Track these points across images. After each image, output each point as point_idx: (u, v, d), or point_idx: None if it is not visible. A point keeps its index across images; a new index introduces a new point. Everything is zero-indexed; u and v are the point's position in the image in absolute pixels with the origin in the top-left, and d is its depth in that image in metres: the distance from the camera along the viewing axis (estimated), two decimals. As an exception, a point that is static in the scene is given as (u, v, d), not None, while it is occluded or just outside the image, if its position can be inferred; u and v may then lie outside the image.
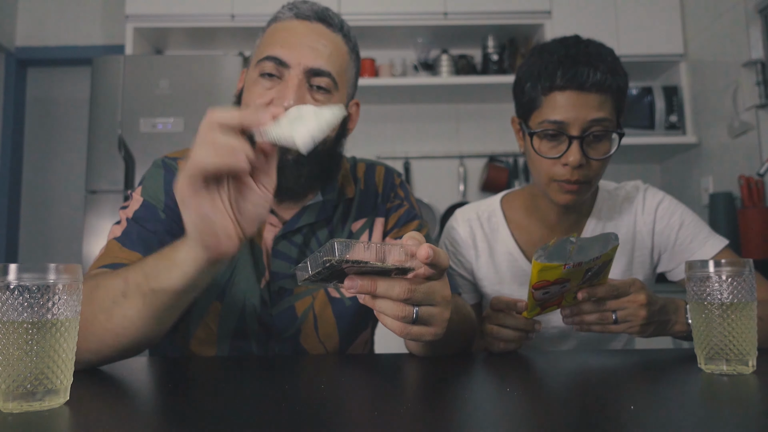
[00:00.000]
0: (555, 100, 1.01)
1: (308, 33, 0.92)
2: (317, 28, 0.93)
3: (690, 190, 2.81)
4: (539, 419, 0.55)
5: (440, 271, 0.63)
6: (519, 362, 0.86)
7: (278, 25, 0.95)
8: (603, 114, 1.00)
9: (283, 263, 0.97)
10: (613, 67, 1.01)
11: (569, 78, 0.99)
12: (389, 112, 3.14)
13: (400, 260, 0.59)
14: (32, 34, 3.24)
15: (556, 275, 0.81)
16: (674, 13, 2.80)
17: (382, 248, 0.58)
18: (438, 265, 0.61)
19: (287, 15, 0.95)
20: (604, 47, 1.05)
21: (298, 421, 0.53)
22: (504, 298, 0.93)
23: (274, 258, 0.97)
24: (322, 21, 0.94)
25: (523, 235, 1.18)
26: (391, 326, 0.62)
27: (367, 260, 0.57)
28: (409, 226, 1.03)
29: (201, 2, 2.78)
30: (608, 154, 1.03)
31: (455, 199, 3.05)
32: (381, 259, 0.58)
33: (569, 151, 1.01)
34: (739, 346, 0.72)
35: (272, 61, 0.90)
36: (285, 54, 0.90)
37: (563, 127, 1.01)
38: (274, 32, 0.94)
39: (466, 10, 2.80)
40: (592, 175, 1.04)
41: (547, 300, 0.88)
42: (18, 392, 0.55)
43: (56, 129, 3.33)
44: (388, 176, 1.10)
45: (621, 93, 1.03)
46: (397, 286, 0.60)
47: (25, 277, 0.55)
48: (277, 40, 0.92)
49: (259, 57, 0.92)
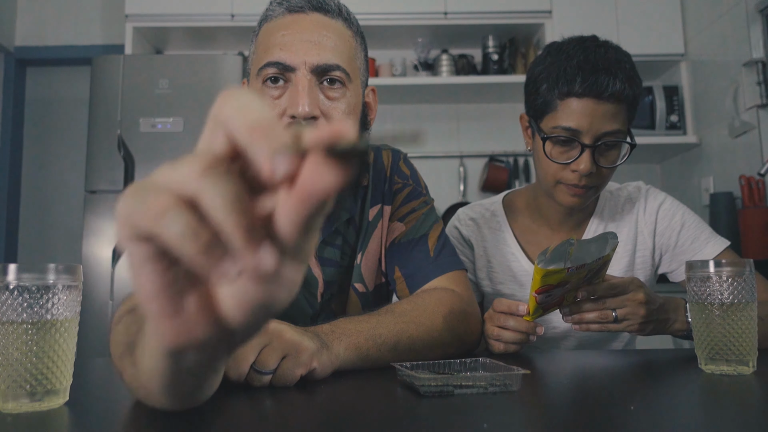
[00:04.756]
0: (571, 106, 1.00)
1: (307, 26, 0.84)
2: (315, 18, 0.85)
3: (690, 190, 2.81)
4: (539, 419, 0.55)
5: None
6: (519, 362, 0.86)
7: (272, 24, 0.87)
8: (617, 126, 1.00)
9: (332, 270, 0.93)
10: (631, 76, 1.00)
11: (589, 86, 0.98)
12: (389, 112, 3.14)
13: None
14: (32, 34, 3.24)
15: (559, 278, 0.82)
16: (675, 12, 2.80)
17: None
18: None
19: (279, 11, 0.87)
20: (622, 52, 1.04)
21: (301, 421, 0.53)
22: (506, 300, 0.93)
23: (323, 267, 0.93)
24: (318, 9, 0.86)
25: (525, 235, 1.18)
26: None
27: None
28: (411, 204, 0.99)
29: (201, 2, 2.78)
30: (618, 163, 1.03)
31: (455, 199, 3.05)
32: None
33: (580, 159, 1.00)
34: (739, 347, 0.72)
35: (274, 66, 0.83)
36: (286, 56, 0.83)
37: (576, 135, 1.00)
38: (270, 33, 0.86)
39: (466, 9, 2.80)
40: (599, 181, 1.04)
41: (549, 302, 0.88)
42: (18, 392, 0.55)
43: (56, 129, 3.32)
44: (395, 158, 1.05)
45: (636, 101, 1.03)
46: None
47: (24, 277, 0.55)
48: (275, 41, 0.85)
49: (259, 64, 0.85)
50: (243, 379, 0.63)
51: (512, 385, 0.63)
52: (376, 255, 0.97)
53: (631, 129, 1.06)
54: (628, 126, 1.04)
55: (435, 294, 0.89)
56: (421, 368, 0.69)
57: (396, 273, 0.95)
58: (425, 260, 0.94)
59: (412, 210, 0.98)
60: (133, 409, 0.61)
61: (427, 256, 0.94)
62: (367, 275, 0.96)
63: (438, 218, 1.01)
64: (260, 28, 0.89)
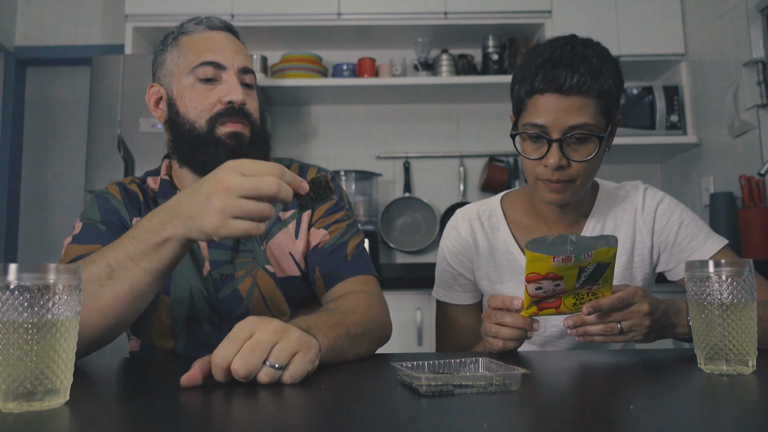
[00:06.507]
0: (537, 103, 1.03)
1: (227, 40, 1.07)
2: (229, 36, 1.08)
3: (690, 190, 2.81)
4: (539, 419, 0.55)
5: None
6: (518, 361, 0.86)
7: (195, 36, 1.06)
8: (584, 119, 1.01)
9: (221, 252, 1.06)
10: (597, 70, 1.01)
11: (548, 81, 1.00)
12: (389, 112, 3.14)
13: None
14: (31, 34, 3.24)
15: (547, 269, 0.82)
16: (675, 12, 2.80)
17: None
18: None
19: (199, 28, 1.07)
20: (593, 48, 1.04)
21: (300, 419, 0.53)
22: (500, 296, 0.93)
23: (210, 248, 1.06)
24: (230, 30, 1.10)
25: (523, 234, 1.19)
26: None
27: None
28: (334, 216, 1.12)
29: (200, 2, 2.78)
30: (590, 157, 1.03)
31: (455, 199, 3.05)
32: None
33: (549, 153, 1.02)
34: (738, 347, 0.72)
35: (210, 65, 1.03)
36: (220, 57, 1.03)
37: (544, 130, 1.02)
38: (195, 42, 1.06)
39: (466, 9, 2.80)
40: (575, 175, 1.04)
41: (541, 298, 0.88)
42: (18, 392, 0.55)
43: (55, 129, 3.32)
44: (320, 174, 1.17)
45: (607, 95, 1.02)
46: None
47: (24, 277, 0.56)
48: (207, 47, 1.04)
49: (192, 64, 1.03)
50: (253, 376, 0.66)
51: (512, 385, 0.63)
52: (286, 247, 1.09)
53: (612, 124, 1.07)
54: (607, 120, 1.04)
55: (353, 295, 1.01)
56: (421, 368, 0.69)
57: (316, 273, 1.08)
58: (342, 262, 1.08)
59: (335, 221, 1.12)
60: (133, 409, 0.61)
61: (344, 259, 1.08)
62: (274, 261, 1.07)
63: (359, 231, 1.16)
64: (178, 39, 1.08)
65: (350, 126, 3.13)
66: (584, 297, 0.89)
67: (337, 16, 2.77)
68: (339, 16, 2.77)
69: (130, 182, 1.13)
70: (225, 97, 1.02)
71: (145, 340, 1.07)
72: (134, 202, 1.09)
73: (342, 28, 2.84)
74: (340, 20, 2.78)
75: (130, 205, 1.07)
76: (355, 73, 2.91)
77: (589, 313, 0.87)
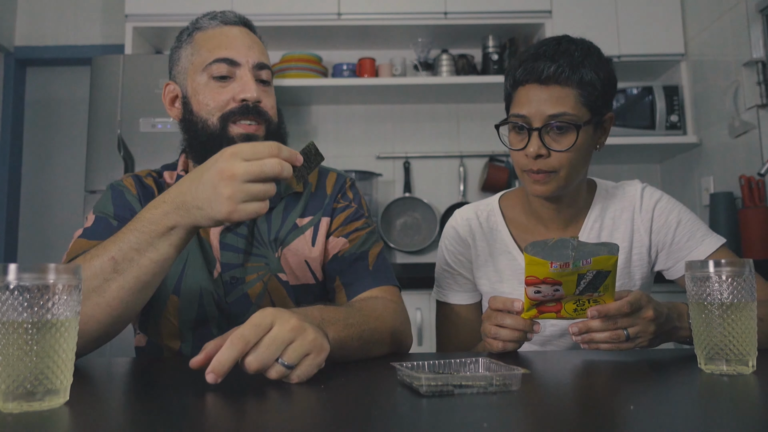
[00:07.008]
0: (519, 94, 1.07)
1: (241, 35, 1.04)
2: (244, 30, 1.05)
3: (690, 190, 2.81)
4: (539, 419, 0.55)
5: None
6: (518, 362, 0.86)
7: (209, 32, 1.03)
8: (563, 108, 1.03)
9: (232, 254, 1.04)
10: (578, 61, 1.03)
11: (528, 72, 1.04)
12: (389, 112, 3.14)
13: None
14: (31, 34, 3.24)
15: (544, 273, 0.81)
16: (675, 12, 2.80)
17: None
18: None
19: (213, 23, 1.04)
20: (578, 44, 1.06)
21: (300, 418, 0.53)
22: (501, 297, 0.93)
23: (222, 251, 1.05)
24: (245, 25, 1.07)
25: (522, 234, 1.19)
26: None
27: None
28: (354, 224, 1.10)
29: (201, 2, 2.77)
30: (570, 147, 1.04)
31: (455, 199, 3.05)
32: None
33: (529, 143, 1.04)
34: (739, 347, 0.72)
35: (223, 62, 1.00)
36: (234, 54, 1.01)
37: (526, 120, 1.05)
38: (209, 38, 1.03)
39: (466, 9, 2.80)
40: (557, 165, 1.05)
41: (541, 302, 0.87)
42: (18, 392, 0.55)
43: (55, 129, 3.32)
44: (339, 180, 1.16)
45: (589, 87, 1.03)
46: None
47: (24, 277, 0.55)
48: (219, 43, 1.01)
49: (207, 61, 1.01)
50: (264, 370, 0.67)
51: (512, 385, 0.63)
52: (302, 255, 1.07)
53: (602, 121, 1.08)
54: (591, 113, 1.05)
55: (380, 300, 1.01)
56: (421, 368, 0.69)
57: (336, 282, 1.07)
58: (364, 272, 1.06)
59: (355, 229, 1.10)
60: (133, 409, 0.61)
61: (366, 268, 1.07)
62: (288, 268, 1.06)
63: (379, 239, 1.13)
64: (192, 36, 1.05)
65: (350, 126, 3.13)
66: (585, 304, 0.88)
67: (337, 16, 2.77)
68: (339, 16, 2.77)
69: (146, 176, 1.12)
70: (239, 95, 1.00)
71: (152, 338, 1.06)
72: (149, 197, 1.07)
73: (342, 28, 2.84)
74: (340, 20, 2.78)
75: (145, 200, 1.05)
76: (355, 73, 2.91)
77: (594, 317, 0.86)
